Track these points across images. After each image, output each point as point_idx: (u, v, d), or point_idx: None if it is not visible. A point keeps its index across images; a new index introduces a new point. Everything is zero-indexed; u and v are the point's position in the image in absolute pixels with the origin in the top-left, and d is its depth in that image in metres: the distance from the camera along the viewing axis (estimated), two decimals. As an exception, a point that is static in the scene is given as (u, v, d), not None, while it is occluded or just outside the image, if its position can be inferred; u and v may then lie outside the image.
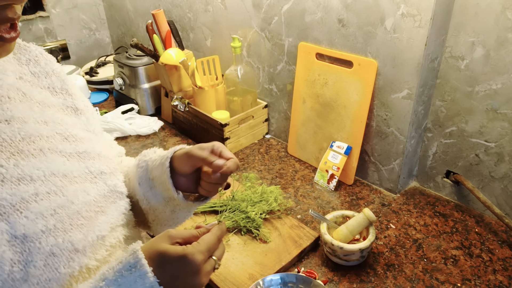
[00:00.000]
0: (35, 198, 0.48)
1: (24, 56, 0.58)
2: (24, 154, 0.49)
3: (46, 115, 0.55)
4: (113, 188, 0.60)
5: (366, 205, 1.05)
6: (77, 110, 0.62)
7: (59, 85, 0.60)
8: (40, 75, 0.58)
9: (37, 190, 0.48)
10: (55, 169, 0.51)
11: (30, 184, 0.48)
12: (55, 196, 0.50)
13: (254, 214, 0.94)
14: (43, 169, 0.50)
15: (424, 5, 0.84)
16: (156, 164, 0.64)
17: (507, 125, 0.89)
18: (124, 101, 1.53)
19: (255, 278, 0.82)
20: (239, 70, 1.26)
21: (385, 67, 0.97)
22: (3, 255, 0.43)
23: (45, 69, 0.59)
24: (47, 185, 0.50)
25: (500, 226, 0.95)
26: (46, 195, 0.49)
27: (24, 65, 0.57)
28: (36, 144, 0.51)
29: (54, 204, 0.49)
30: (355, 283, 0.82)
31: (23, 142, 0.50)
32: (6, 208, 0.45)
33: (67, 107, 0.60)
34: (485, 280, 0.82)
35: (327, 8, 1.03)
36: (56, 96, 0.59)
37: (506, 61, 0.84)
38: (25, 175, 0.48)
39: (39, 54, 0.60)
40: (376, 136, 1.06)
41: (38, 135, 0.52)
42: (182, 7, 1.52)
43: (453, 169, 1.03)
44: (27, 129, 0.51)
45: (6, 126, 0.49)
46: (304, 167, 1.22)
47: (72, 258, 0.50)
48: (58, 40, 1.91)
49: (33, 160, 0.49)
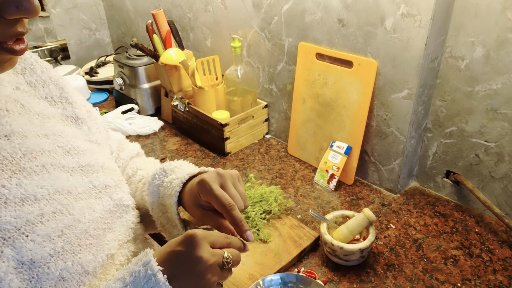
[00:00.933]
0: (41, 219, 0.45)
1: (19, 65, 0.54)
2: (26, 172, 0.46)
3: (46, 128, 0.52)
4: (118, 202, 0.57)
5: (366, 205, 1.05)
6: (78, 120, 0.59)
7: (57, 93, 0.57)
8: (37, 85, 0.55)
9: (42, 211, 0.45)
10: (59, 186, 0.48)
11: (35, 204, 0.45)
12: (61, 216, 0.47)
13: (254, 214, 0.94)
14: (47, 187, 0.47)
15: (424, 5, 0.84)
16: (167, 193, 0.61)
17: (507, 125, 0.89)
18: (124, 101, 1.53)
19: (255, 278, 0.82)
20: (239, 70, 1.26)
21: (385, 67, 0.97)
22: (10, 284, 0.41)
23: (42, 77, 0.56)
24: (52, 204, 0.47)
25: (500, 226, 0.95)
26: (52, 215, 0.46)
27: (20, 75, 0.54)
28: (38, 160, 0.48)
29: (61, 225, 0.46)
30: (355, 283, 0.82)
31: (25, 158, 0.47)
32: (11, 232, 0.42)
33: (67, 117, 0.58)
34: (485, 280, 0.82)
35: (327, 8, 1.03)
36: (55, 106, 0.57)
37: (506, 61, 0.84)
38: (29, 194, 0.45)
39: (34, 62, 0.57)
40: (376, 136, 1.06)
41: (39, 150, 0.49)
42: (182, 7, 1.52)
43: (453, 169, 1.03)
44: (28, 144, 0.48)
45: (6, 143, 0.46)
46: (304, 167, 1.22)
47: (83, 281, 0.47)
48: (58, 40, 1.91)
49: (36, 177, 0.47)
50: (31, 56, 0.57)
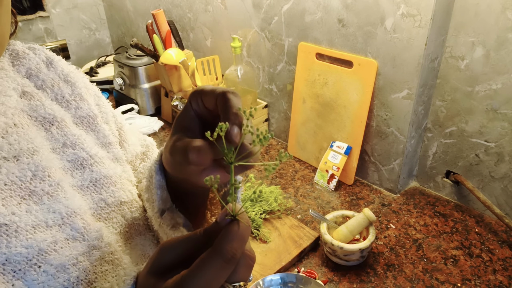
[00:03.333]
0: (54, 247, 0.40)
1: (24, 66, 0.49)
2: (37, 196, 0.42)
3: (57, 138, 0.47)
4: (131, 222, 0.51)
5: (366, 205, 1.05)
6: (95, 119, 0.52)
7: (69, 91, 0.51)
8: (46, 86, 0.50)
9: (55, 238, 0.41)
10: (72, 208, 0.44)
11: (47, 230, 0.41)
12: (75, 242, 0.42)
13: (254, 214, 0.94)
14: (60, 211, 0.43)
15: (424, 5, 0.84)
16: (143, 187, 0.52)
17: (507, 125, 0.89)
18: (124, 101, 1.53)
19: (255, 278, 0.82)
20: (239, 70, 1.26)
21: (385, 67, 0.97)
22: None
23: (50, 75, 0.50)
24: (65, 229, 0.42)
25: (500, 226, 0.95)
26: (65, 242, 0.42)
27: (26, 78, 0.49)
28: (51, 179, 0.43)
29: (75, 252, 0.42)
30: (355, 283, 0.82)
31: (35, 179, 0.42)
32: (22, 264, 0.38)
33: (82, 118, 0.51)
34: (485, 280, 0.82)
35: (327, 8, 1.03)
36: (68, 107, 0.50)
37: (506, 61, 0.84)
38: (40, 221, 0.41)
39: (40, 62, 0.51)
40: (376, 136, 1.06)
41: (52, 166, 0.44)
42: (182, 7, 1.52)
43: (453, 169, 1.03)
44: (38, 161, 0.43)
45: (15, 165, 0.41)
46: (304, 167, 1.22)
47: None
48: (58, 40, 1.91)
49: (48, 201, 0.42)
50: (38, 55, 0.51)
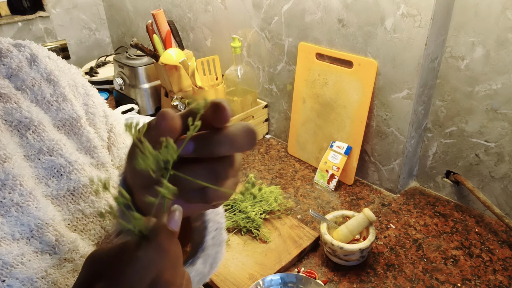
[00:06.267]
0: (21, 260, 0.38)
1: (5, 66, 0.45)
2: (4, 208, 0.38)
3: (32, 144, 0.43)
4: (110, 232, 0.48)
5: (366, 205, 1.05)
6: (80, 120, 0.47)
7: (50, 91, 0.46)
8: (26, 87, 0.45)
9: (22, 250, 0.38)
10: (43, 219, 0.40)
11: (13, 243, 0.38)
12: (44, 255, 0.40)
13: (254, 214, 0.94)
14: (29, 223, 0.39)
15: (424, 5, 0.84)
16: None
17: (507, 125, 0.89)
18: (124, 101, 1.53)
19: (255, 278, 0.82)
20: (239, 70, 1.25)
21: (385, 67, 0.97)
22: None
23: (31, 74, 0.46)
24: (33, 242, 0.39)
25: (500, 226, 0.95)
26: (33, 255, 0.39)
27: (6, 79, 0.44)
28: (23, 188, 0.40)
29: (45, 264, 0.39)
30: (355, 283, 0.82)
31: (4, 189, 0.39)
32: None
33: (64, 120, 0.46)
34: (485, 280, 0.82)
35: (327, 8, 1.03)
36: (49, 109, 0.46)
37: (506, 61, 0.84)
38: (6, 234, 0.38)
39: (23, 59, 0.46)
40: (376, 136, 1.06)
41: (24, 174, 0.40)
42: (182, 7, 1.52)
43: (453, 169, 1.03)
44: (9, 169, 0.39)
45: None
46: (304, 167, 1.22)
47: None
48: (58, 40, 1.91)
49: (16, 213, 0.39)
50: (21, 52, 0.47)
